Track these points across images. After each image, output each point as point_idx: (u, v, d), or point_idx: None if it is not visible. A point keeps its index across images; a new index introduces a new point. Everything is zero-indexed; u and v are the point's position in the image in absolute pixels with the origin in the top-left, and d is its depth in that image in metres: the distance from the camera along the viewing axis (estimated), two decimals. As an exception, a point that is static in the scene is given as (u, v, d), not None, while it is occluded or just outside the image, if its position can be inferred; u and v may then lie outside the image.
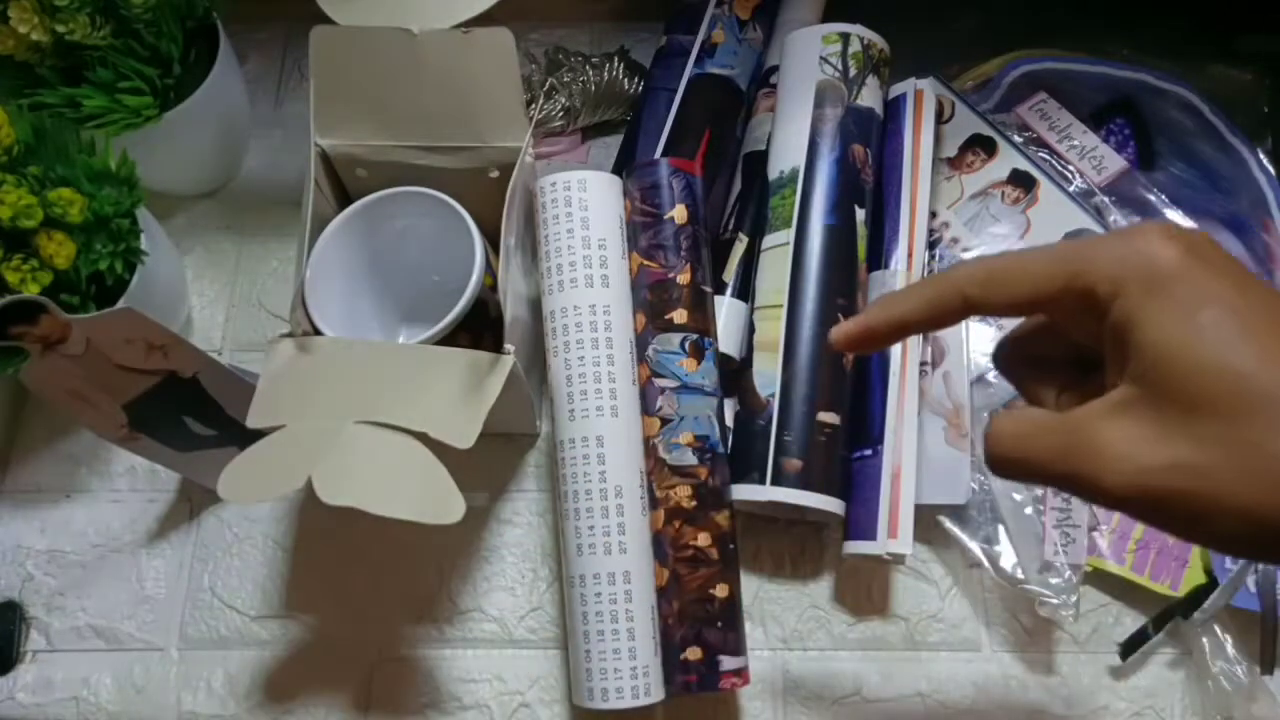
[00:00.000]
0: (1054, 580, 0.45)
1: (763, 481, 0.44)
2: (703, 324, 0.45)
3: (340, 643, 0.48)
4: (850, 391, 0.47)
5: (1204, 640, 0.45)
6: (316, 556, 0.50)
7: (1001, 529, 0.47)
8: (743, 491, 0.45)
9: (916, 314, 0.26)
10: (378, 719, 0.46)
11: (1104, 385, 0.23)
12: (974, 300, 0.24)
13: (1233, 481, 0.19)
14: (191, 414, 0.45)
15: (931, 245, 0.52)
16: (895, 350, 0.47)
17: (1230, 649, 0.45)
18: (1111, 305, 0.22)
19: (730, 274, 0.50)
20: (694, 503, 0.43)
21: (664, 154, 0.52)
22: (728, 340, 0.49)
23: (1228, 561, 0.46)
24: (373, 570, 0.49)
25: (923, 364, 0.48)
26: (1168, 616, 0.46)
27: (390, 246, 0.47)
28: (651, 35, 0.60)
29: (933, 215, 0.52)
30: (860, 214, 0.48)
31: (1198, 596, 0.45)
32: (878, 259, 0.49)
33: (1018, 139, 0.53)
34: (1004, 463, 0.24)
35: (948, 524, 0.48)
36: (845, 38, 0.50)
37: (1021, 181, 0.52)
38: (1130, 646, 0.46)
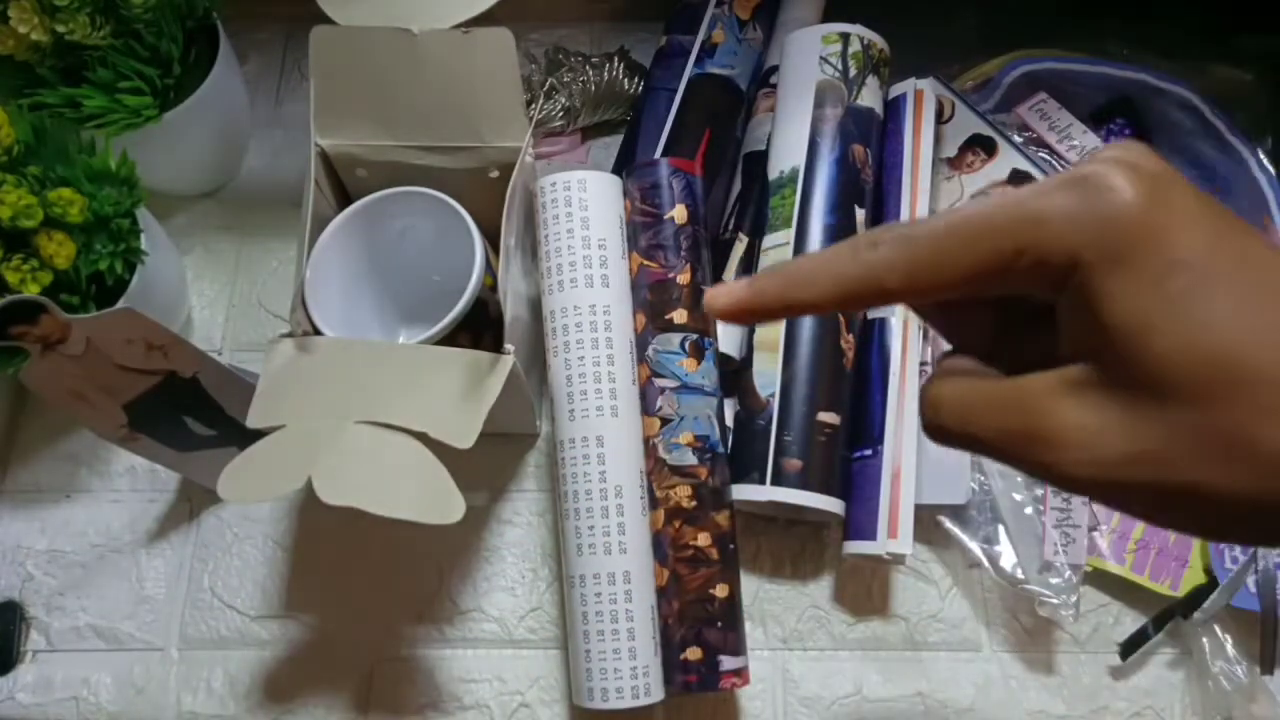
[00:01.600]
0: (1054, 580, 0.45)
1: (763, 481, 0.44)
2: (703, 324, 0.45)
3: (340, 643, 0.48)
4: (850, 391, 0.47)
5: (1204, 640, 0.45)
6: (316, 556, 0.50)
7: (1001, 529, 0.47)
8: (743, 491, 0.45)
9: (820, 301, 0.21)
10: (378, 719, 0.46)
11: (1050, 329, 0.20)
12: (895, 292, 0.20)
13: (1206, 471, 0.17)
14: (191, 414, 0.45)
15: (931, 245, 0.52)
16: (895, 350, 0.47)
17: (1230, 649, 0.45)
18: (1068, 278, 0.18)
19: (730, 274, 0.50)
20: (694, 503, 0.43)
21: (664, 154, 0.52)
22: (728, 340, 0.49)
23: (1227, 561, 0.46)
24: (373, 570, 0.49)
25: (923, 364, 0.48)
26: (1168, 616, 0.46)
27: (390, 246, 0.47)
28: (651, 35, 0.60)
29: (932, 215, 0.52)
30: (860, 214, 0.48)
31: (1198, 596, 0.45)
32: (878, 259, 0.49)
33: (1018, 139, 0.53)
34: (944, 435, 0.21)
35: (948, 524, 0.48)
36: (845, 38, 0.50)
37: (1022, 181, 0.52)
38: (1130, 646, 0.46)
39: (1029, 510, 0.46)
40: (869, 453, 0.46)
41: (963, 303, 0.22)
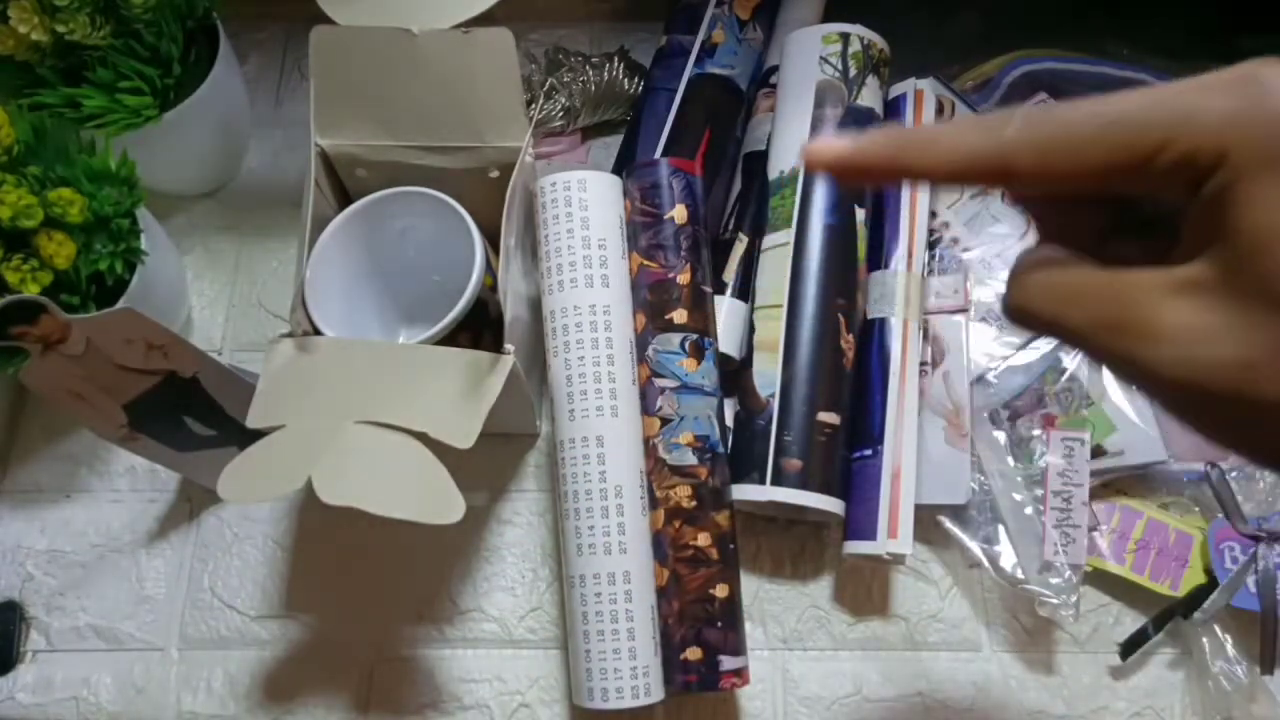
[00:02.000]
0: (1054, 580, 0.45)
1: (763, 481, 0.44)
2: (703, 324, 0.45)
3: (340, 643, 0.48)
4: (850, 391, 0.47)
5: (1204, 640, 0.45)
6: (316, 556, 0.50)
7: (1001, 529, 0.47)
8: (743, 491, 0.45)
9: (936, 168, 0.20)
10: (378, 719, 0.46)
11: (1154, 239, 0.19)
12: (1021, 172, 0.19)
13: None
14: (191, 414, 0.45)
15: (931, 245, 0.52)
16: (895, 350, 0.47)
17: (1230, 649, 0.45)
18: (1209, 178, 0.18)
19: (730, 274, 0.50)
20: (694, 503, 0.43)
21: (664, 154, 0.52)
22: (728, 340, 0.49)
23: (1227, 561, 0.46)
24: (373, 570, 0.49)
25: (923, 364, 0.48)
26: (1168, 616, 0.46)
27: (390, 246, 0.47)
28: (651, 35, 0.60)
29: (933, 215, 0.52)
30: (860, 214, 0.48)
31: (1198, 596, 0.45)
32: (878, 259, 0.49)
33: (1018, 139, 0.53)
34: (1029, 318, 0.20)
35: (948, 524, 0.48)
36: (845, 38, 0.50)
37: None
38: (1130, 646, 0.46)
39: (1029, 510, 0.46)
40: (869, 453, 0.46)
41: (1076, 200, 0.21)
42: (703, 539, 0.43)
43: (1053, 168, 0.19)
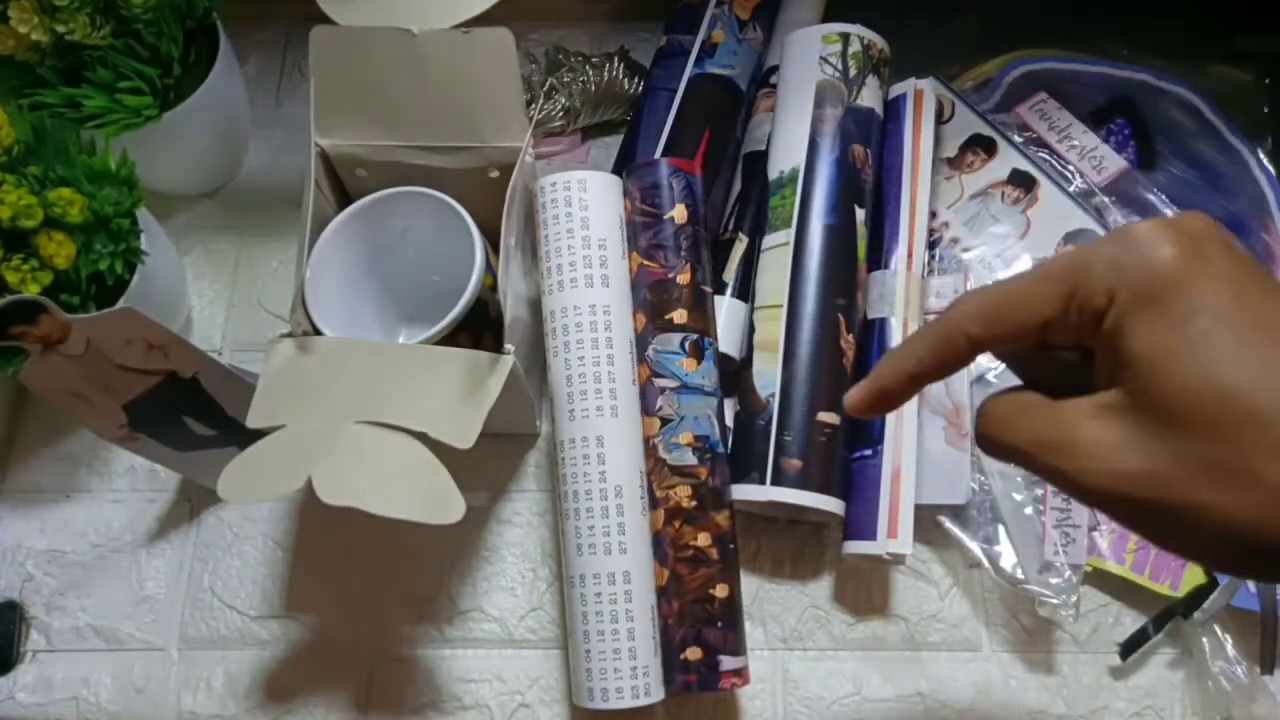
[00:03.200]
0: (1054, 580, 0.45)
1: (763, 481, 0.44)
2: (703, 324, 0.45)
3: (340, 643, 0.48)
4: (850, 391, 0.46)
5: (1204, 640, 0.45)
6: (316, 556, 0.50)
7: (1001, 529, 0.47)
8: (743, 491, 0.45)
9: (924, 364, 0.25)
10: (378, 719, 0.46)
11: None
12: (979, 339, 0.24)
13: (1208, 497, 0.19)
14: (191, 414, 0.45)
15: (931, 245, 0.52)
16: (895, 350, 0.47)
17: (1230, 649, 0.45)
18: (1107, 313, 0.21)
19: (730, 274, 0.50)
20: (694, 503, 0.43)
21: (664, 154, 0.52)
22: (728, 340, 0.49)
23: (1228, 561, 0.46)
24: (373, 570, 0.49)
25: (923, 364, 0.48)
26: (1168, 616, 0.46)
27: (390, 246, 0.47)
28: (651, 35, 0.60)
29: (933, 215, 0.52)
30: (860, 214, 0.48)
31: (1198, 596, 0.45)
32: (878, 259, 0.49)
33: (1018, 139, 0.53)
34: (988, 442, 0.24)
35: (948, 524, 0.48)
36: (845, 38, 0.50)
37: (1021, 181, 0.52)
38: (1130, 646, 0.46)
39: (1029, 510, 0.46)
40: (869, 453, 0.46)
41: (1036, 355, 0.25)
42: (703, 539, 0.43)
43: (999, 328, 0.23)
